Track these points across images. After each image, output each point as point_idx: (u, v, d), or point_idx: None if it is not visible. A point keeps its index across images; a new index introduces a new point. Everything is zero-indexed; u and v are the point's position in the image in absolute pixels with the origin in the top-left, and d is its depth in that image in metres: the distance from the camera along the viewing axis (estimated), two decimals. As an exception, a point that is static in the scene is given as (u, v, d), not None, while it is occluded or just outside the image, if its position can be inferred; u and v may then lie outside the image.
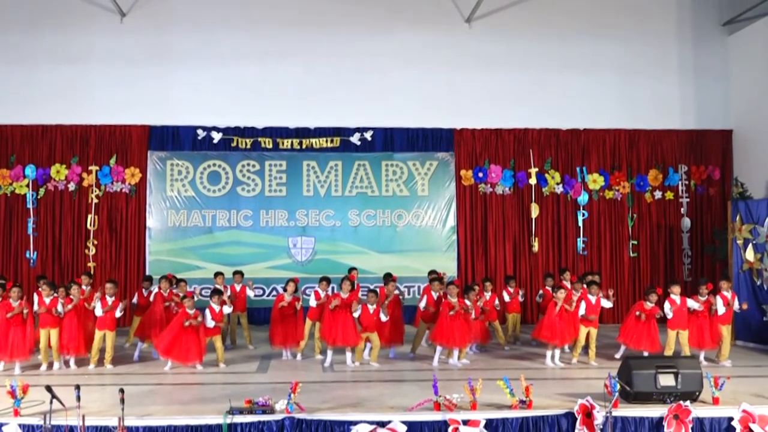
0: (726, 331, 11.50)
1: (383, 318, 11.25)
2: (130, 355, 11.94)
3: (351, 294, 11.35)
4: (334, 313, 11.14)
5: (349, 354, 11.24)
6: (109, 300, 11.09)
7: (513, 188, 16.44)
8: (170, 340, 10.79)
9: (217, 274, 13.31)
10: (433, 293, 11.94)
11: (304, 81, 16.12)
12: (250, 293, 13.30)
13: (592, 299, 11.45)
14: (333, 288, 12.48)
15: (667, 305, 11.31)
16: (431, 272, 13.13)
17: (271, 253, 16.03)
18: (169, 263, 15.47)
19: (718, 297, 11.52)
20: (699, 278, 15.95)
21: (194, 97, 15.88)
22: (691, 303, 11.33)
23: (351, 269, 13.48)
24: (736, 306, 11.64)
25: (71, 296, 11.06)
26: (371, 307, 11.22)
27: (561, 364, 11.24)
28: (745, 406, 8.23)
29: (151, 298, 12.17)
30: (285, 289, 11.97)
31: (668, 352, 11.06)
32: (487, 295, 12.67)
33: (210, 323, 11.11)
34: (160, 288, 12.19)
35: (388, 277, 12.77)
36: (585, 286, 11.87)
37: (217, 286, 12.66)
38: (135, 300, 12.50)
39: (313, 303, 11.72)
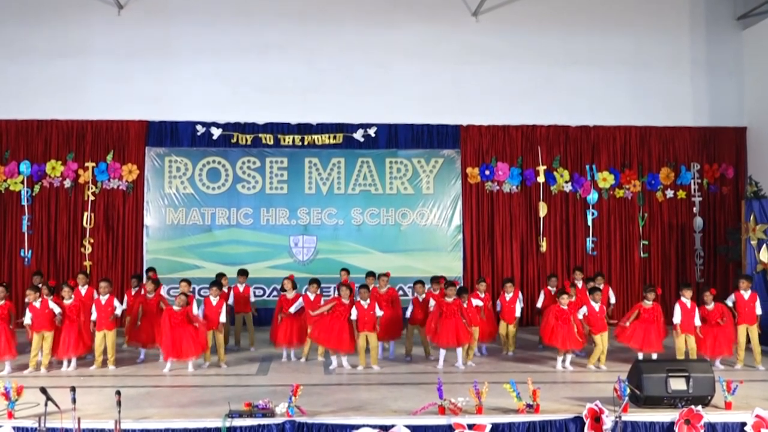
0: (752, 332, 11.23)
1: (378, 312, 10.94)
2: (128, 356, 11.72)
3: (351, 299, 11.08)
4: (331, 317, 10.87)
5: (344, 358, 10.97)
6: (103, 299, 10.94)
7: (520, 186, 16.08)
8: (168, 338, 10.55)
9: (221, 275, 13.06)
10: (418, 296, 11.92)
11: (306, 76, 15.82)
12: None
13: (596, 306, 11.11)
14: (321, 290, 12.21)
15: (677, 310, 10.95)
16: (433, 278, 12.73)
17: (272, 252, 15.71)
18: (167, 262, 15.26)
19: (732, 296, 11.35)
20: (711, 279, 15.95)
21: (193, 91, 15.60)
22: (697, 320, 10.94)
23: (342, 269, 13.10)
24: (758, 309, 11.33)
25: (63, 296, 10.91)
26: (365, 303, 10.90)
27: (571, 368, 10.94)
28: (758, 410, 8.15)
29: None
30: (284, 289, 11.75)
31: (679, 356, 10.75)
32: (508, 296, 12.31)
33: (196, 310, 10.96)
34: (146, 291, 11.78)
35: (371, 276, 12.37)
36: (588, 291, 11.56)
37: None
38: (124, 303, 12.16)
39: (293, 309, 11.52)
